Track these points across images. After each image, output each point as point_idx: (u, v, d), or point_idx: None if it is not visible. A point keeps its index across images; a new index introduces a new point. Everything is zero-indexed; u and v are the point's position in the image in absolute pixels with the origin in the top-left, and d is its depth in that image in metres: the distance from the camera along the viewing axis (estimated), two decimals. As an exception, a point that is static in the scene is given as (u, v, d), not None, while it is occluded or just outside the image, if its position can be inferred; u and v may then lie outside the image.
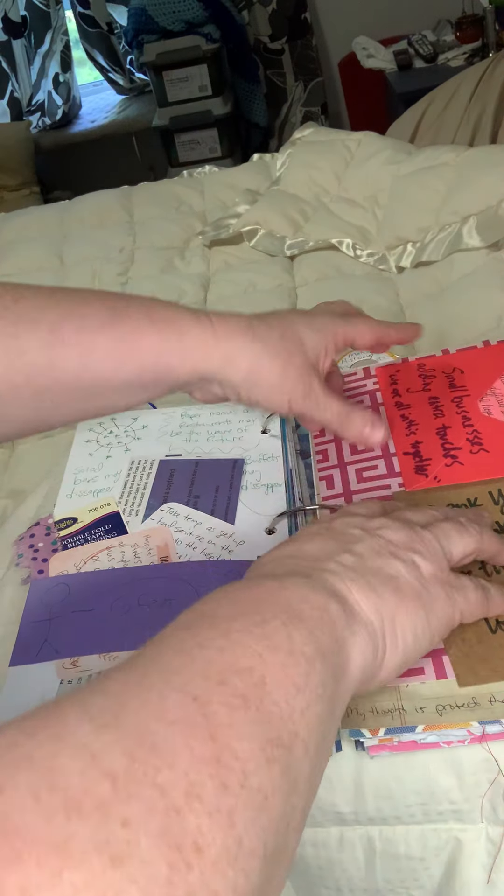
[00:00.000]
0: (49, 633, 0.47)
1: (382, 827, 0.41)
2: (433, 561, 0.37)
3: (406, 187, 1.12)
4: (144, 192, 1.44)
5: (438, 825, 0.40)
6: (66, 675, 0.44)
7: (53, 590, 0.50)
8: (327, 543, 0.37)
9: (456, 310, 0.88)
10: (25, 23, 2.93)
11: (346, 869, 0.43)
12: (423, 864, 0.42)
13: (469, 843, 0.40)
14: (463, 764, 0.39)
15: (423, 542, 0.38)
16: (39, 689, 0.44)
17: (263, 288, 1.10)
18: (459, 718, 0.38)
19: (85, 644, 0.46)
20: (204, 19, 2.54)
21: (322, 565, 0.35)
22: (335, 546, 0.37)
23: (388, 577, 0.35)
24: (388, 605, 0.34)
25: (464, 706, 0.38)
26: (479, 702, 0.38)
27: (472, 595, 0.38)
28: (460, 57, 2.48)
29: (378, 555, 0.36)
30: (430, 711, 0.38)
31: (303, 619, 0.30)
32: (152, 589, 0.48)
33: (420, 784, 0.40)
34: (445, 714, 0.38)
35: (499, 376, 0.56)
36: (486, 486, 0.49)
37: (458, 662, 0.40)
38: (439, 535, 0.39)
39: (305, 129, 1.39)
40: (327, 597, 0.32)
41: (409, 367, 0.59)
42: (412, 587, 0.35)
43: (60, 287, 0.46)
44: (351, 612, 0.33)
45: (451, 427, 0.53)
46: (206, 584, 0.48)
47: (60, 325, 0.42)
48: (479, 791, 0.39)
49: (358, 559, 0.36)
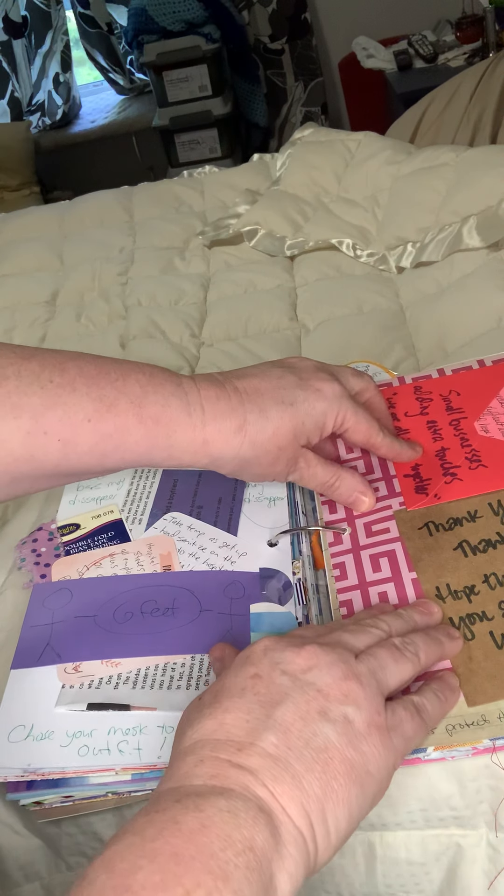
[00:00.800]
0: (51, 637, 0.47)
1: (383, 832, 0.41)
2: (368, 707, 0.35)
3: (406, 187, 1.12)
4: (144, 193, 1.44)
5: (439, 831, 0.40)
6: (67, 680, 0.44)
7: (56, 594, 0.50)
8: (252, 712, 0.35)
9: (456, 310, 0.88)
10: (26, 23, 2.93)
11: (347, 874, 0.42)
12: (424, 870, 0.42)
13: (470, 849, 0.40)
14: (464, 770, 0.39)
15: (359, 682, 0.36)
16: (42, 693, 0.44)
17: (263, 288, 1.09)
18: (469, 737, 0.38)
19: (87, 650, 0.45)
20: (204, 19, 2.54)
21: (244, 761, 0.33)
22: (259, 717, 0.34)
23: (316, 753, 0.33)
24: (315, 800, 0.32)
25: (473, 724, 0.38)
26: (489, 718, 0.38)
27: (408, 728, 0.36)
28: (460, 57, 2.48)
29: (305, 721, 0.34)
30: (440, 732, 0.38)
31: (228, 878, 0.29)
32: (155, 597, 0.48)
33: (421, 790, 0.39)
34: (455, 733, 0.38)
35: (494, 396, 0.56)
36: (485, 499, 0.49)
37: (466, 681, 0.40)
38: (375, 669, 0.37)
39: (305, 130, 1.39)
40: (252, 824, 0.31)
41: (407, 391, 0.60)
42: (343, 759, 0.34)
43: (46, 357, 0.43)
44: (278, 832, 0.31)
45: (450, 449, 0.53)
46: (208, 594, 0.48)
47: (43, 415, 0.41)
48: (480, 797, 0.39)
49: (283, 738, 0.34)
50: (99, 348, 1.04)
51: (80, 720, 0.42)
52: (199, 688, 0.43)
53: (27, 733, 0.42)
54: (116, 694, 0.43)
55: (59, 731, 0.42)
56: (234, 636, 0.46)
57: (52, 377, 0.42)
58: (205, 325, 1.05)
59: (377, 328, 0.92)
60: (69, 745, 0.41)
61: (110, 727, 0.42)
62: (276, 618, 0.47)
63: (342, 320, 0.97)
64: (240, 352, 0.96)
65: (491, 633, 0.42)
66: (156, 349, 1.00)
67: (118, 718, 0.42)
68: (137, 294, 1.13)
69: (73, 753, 0.41)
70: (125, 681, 0.44)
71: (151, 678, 0.44)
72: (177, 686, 0.43)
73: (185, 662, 0.44)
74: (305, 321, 1.00)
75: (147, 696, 0.43)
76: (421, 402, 0.58)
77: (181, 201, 1.39)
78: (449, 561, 0.46)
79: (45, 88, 3.04)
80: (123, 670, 0.44)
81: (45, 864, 0.45)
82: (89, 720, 0.42)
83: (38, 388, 0.42)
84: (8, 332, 1.12)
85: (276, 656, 0.37)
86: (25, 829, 0.44)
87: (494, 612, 0.43)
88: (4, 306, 1.19)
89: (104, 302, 1.13)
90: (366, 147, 1.25)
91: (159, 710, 0.42)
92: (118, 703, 0.42)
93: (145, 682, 0.43)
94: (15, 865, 0.45)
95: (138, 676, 0.44)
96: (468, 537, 0.47)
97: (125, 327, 1.07)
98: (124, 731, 0.41)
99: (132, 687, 0.43)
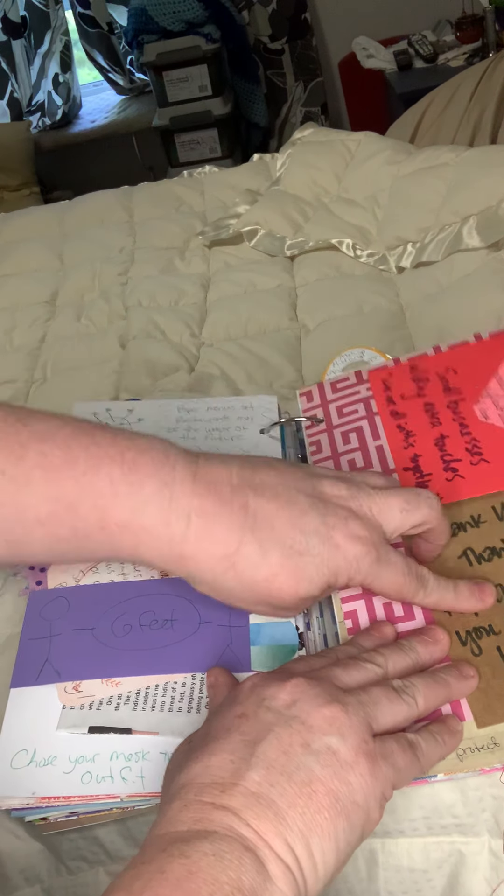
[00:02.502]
0: (50, 652, 0.46)
1: (385, 839, 0.41)
2: (353, 735, 0.34)
3: (406, 187, 1.12)
4: (144, 192, 1.44)
5: (441, 838, 0.40)
6: (68, 701, 0.44)
7: (52, 603, 0.49)
8: (236, 752, 0.34)
9: (456, 310, 0.87)
10: (25, 23, 2.93)
11: (349, 880, 0.42)
12: (426, 877, 0.41)
13: (472, 856, 0.40)
14: (466, 779, 0.39)
15: (344, 710, 0.34)
16: (42, 714, 0.43)
17: (263, 288, 1.09)
18: (480, 762, 0.36)
19: (86, 668, 0.45)
20: (204, 19, 2.53)
21: (227, 801, 0.32)
22: (243, 756, 0.33)
23: (299, 787, 0.32)
24: (299, 835, 0.32)
25: (483, 748, 0.37)
26: (499, 742, 0.37)
27: (400, 760, 0.34)
28: (460, 57, 2.47)
29: (288, 755, 0.33)
30: (451, 757, 0.37)
31: None
32: (154, 607, 0.48)
33: (424, 798, 0.39)
34: (466, 759, 0.37)
35: (492, 374, 0.55)
36: (489, 501, 0.48)
37: (475, 701, 0.38)
38: (365, 702, 0.35)
39: (305, 130, 1.38)
40: (238, 865, 0.30)
41: (402, 370, 0.58)
42: (328, 791, 0.32)
43: (7, 434, 0.37)
44: (265, 869, 0.31)
45: (450, 436, 0.52)
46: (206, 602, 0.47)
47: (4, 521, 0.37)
48: (483, 805, 0.39)
49: (266, 775, 0.33)
50: (99, 348, 1.03)
51: (82, 744, 0.42)
52: (199, 710, 0.42)
53: (30, 759, 0.41)
54: (118, 716, 0.42)
55: (62, 756, 0.41)
56: (234, 651, 0.45)
57: (6, 467, 0.36)
58: (205, 325, 1.05)
59: (377, 328, 0.91)
60: (72, 772, 0.41)
61: (112, 752, 0.41)
62: (275, 629, 0.46)
63: (342, 320, 0.96)
64: (240, 352, 0.96)
65: (498, 648, 0.40)
66: (156, 349, 1.00)
67: (120, 743, 0.41)
68: (137, 294, 1.12)
69: (77, 781, 0.40)
70: (126, 701, 0.43)
71: (152, 699, 0.43)
72: (178, 708, 0.43)
73: (186, 682, 0.44)
74: (305, 321, 1.00)
75: (148, 719, 0.42)
76: (417, 383, 0.56)
77: (181, 201, 1.39)
78: (454, 571, 0.44)
79: (44, 89, 3.04)
80: (123, 690, 0.44)
81: (46, 867, 0.45)
82: (91, 744, 0.42)
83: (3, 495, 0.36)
84: (8, 333, 1.12)
85: (262, 692, 0.36)
86: (26, 833, 0.44)
87: (501, 627, 0.41)
88: (4, 306, 1.18)
89: (104, 302, 1.13)
90: (366, 147, 1.25)
91: (161, 735, 0.41)
92: (120, 728, 0.42)
93: (146, 702, 0.43)
94: (15, 869, 0.45)
95: (139, 697, 0.43)
96: (472, 544, 0.46)
97: (125, 327, 1.06)
98: (126, 756, 0.41)
99: (133, 708, 0.43)
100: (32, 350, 1.08)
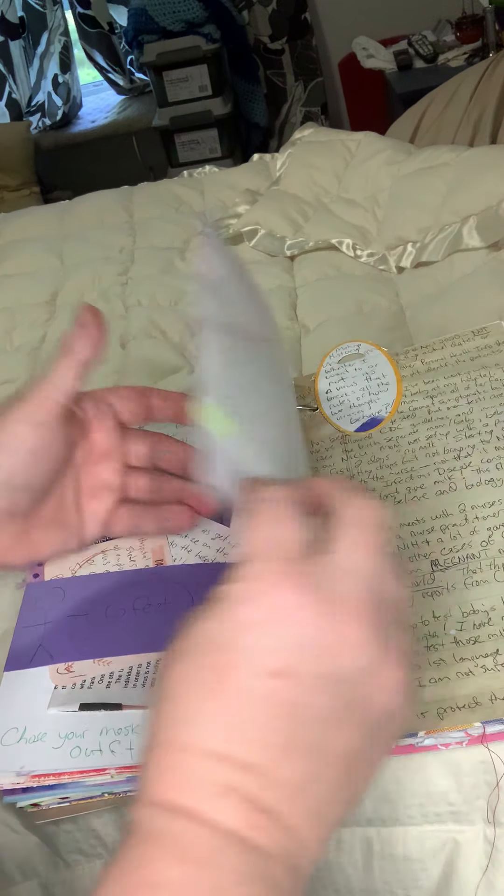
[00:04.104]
0: (44, 638, 0.47)
1: (381, 828, 0.41)
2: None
3: (406, 187, 1.12)
4: (144, 193, 1.44)
5: (436, 826, 0.40)
6: (60, 681, 0.44)
7: (48, 595, 0.50)
8: None
9: (456, 310, 0.88)
10: (23, 24, 2.93)
11: (345, 870, 0.43)
12: (422, 866, 0.42)
13: (467, 845, 0.40)
14: (461, 766, 0.39)
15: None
16: (34, 694, 0.44)
17: (263, 288, 1.09)
18: (461, 720, 0.37)
19: (79, 649, 0.45)
20: (204, 19, 2.54)
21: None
22: None
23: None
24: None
25: (465, 707, 0.37)
26: (480, 701, 0.38)
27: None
28: (460, 57, 2.48)
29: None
30: (432, 715, 0.38)
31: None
32: (147, 592, 0.48)
33: (418, 786, 0.39)
34: (447, 717, 0.37)
35: None
36: None
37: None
38: None
39: (305, 130, 1.39)
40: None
41: None
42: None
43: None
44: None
45: None
46: (200, 587, 0.48)
47: None
48: (477, 793, 0.39)
49: None
50: (99, 348, 1.03)
51: (73, 721, 0.42)
52: None
53: (20, 736, 0.42)
54: (108, 693, 0.43)
55: (52, 732, 0.42)
56: None
57: None
58: (205, 324, 1.05)
59: (377, 328, 0.92)
60: (61, 747, 0.41)
61: (102, 727, 0.42)
62: None
63: (342, 320, 0.97)
64: (239, 351, 0.96)
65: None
66: (156, 349, 1.00)
67: (110, 718, 0.42)
68: (137, 294, 1.13)
69: (66, 755, 0.41)
70: (117, 679, 0.44)
71: (143, 675, 0.44)
72: None
73: None
74: (305, 321, 1.00)
75: (139, 694, 0.43)
76: None
77: (181, 201, 1.39)
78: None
79: (44, 89, 3.04)
80: (115, 668, 0.44)
81: (43, 861, 0.45)
82: (81, 721, 0.42)
83: None
84: (8, 333, 1.13)
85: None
86: (23, 826, 0.45)
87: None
88: (4, 306, 1.19)
89: (104, 302, 1.13)
90: (366, 147, 1.25)
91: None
92: (110, 703, 0.42)
93: (137, 679, 0.43)
94: (12, 863, 0.45)
95: (130, 674, 0.44)
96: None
97: (125, 327, 1.07)
98: (116, 730, 0.41)
99: (124, 685, 0.43)
100: (32, 350, 1.08)
